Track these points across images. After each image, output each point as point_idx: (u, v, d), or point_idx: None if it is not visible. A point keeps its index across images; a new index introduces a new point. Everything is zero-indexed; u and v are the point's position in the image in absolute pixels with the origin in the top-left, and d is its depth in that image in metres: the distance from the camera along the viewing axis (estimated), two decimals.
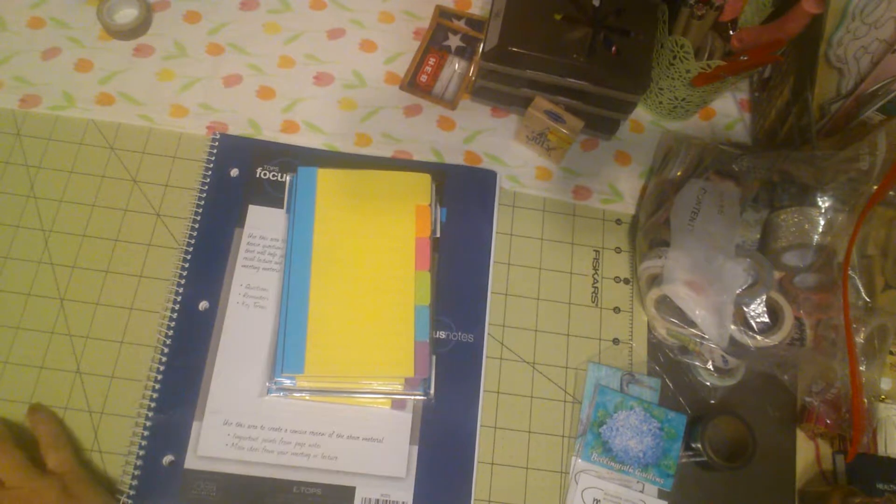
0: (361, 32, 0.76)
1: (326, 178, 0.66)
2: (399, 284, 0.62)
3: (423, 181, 0.67)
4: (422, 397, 0.61)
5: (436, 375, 0.61)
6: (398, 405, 0.61)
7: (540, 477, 0.61)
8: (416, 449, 0.60)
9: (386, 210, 0.65)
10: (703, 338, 0.61)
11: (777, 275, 0.64)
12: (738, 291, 0.62)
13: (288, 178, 0.67)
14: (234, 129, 0.70)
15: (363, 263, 0.63)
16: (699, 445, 0.60)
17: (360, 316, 0.61)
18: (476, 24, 0.78)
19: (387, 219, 0.65)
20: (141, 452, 0.57)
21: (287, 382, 0.59)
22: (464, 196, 0.69)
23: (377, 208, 0.65)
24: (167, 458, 0.57)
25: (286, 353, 0.59)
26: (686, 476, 0.61)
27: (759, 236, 0.66)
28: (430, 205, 0.66)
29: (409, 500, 0.58)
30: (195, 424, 0.58)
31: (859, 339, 0.59)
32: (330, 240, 0.63)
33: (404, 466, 0.59)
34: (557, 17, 0.65)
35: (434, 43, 0.76)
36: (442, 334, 0.63)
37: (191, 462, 0.57)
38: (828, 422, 0.61)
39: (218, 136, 0.69)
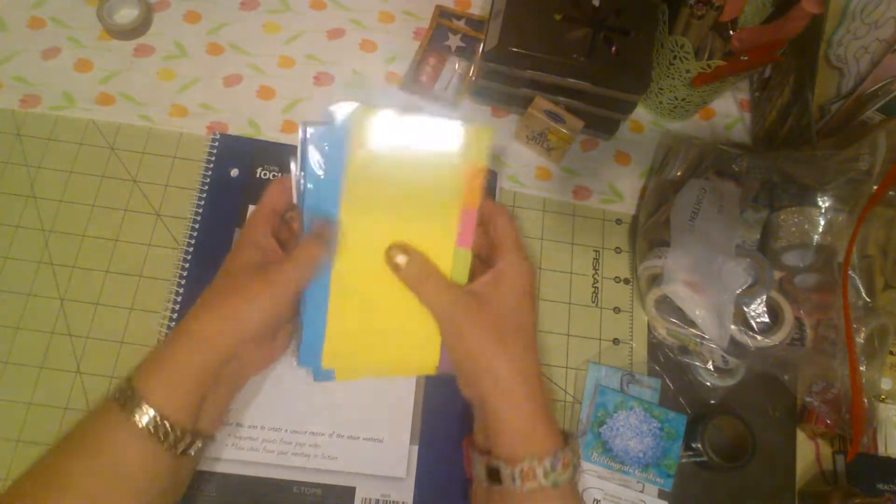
0: (361, 32, 0.76)
1: (361, 129, 0.49)
2: (435, 262, 0.52)
3: (482, 137, 0.50)
4: None
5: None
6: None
7: None
8: (416, 449, 0.60)
9: (430, 172, 0.51)
10: (703, 338, 0.61)
11: (777, 275, 0.64)
12: (738, 291, 0.62)
13: (301, 130, 0.50)
14: (234, 129, 0.70)
15: (395, 238, 0.51)
16: (699, 445, 0.60)
17: (386, 304, 0.53)
18: (476, 24, 0.78)
19: (429, 184, 0.51)
20: None
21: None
22: None
23: (419, 170, 0.51)
24: None
25: (301, 349, 0.54)
26: (686, 476, 0.61)
27: (759, 236, 0.66)
28: (484, 169, 0.51)
29: (409, 501, 0.58)
30: None
31: (859, 339, 0.59)
32: (359, 211, 0.51)
33: (404, 466, 0.59)
34: (557, 17, 0.65)
35: (434, 43, 0.76)
36: None
37: None
38: (828, 422, 0.60)
39: (218, 136, 0.69)
